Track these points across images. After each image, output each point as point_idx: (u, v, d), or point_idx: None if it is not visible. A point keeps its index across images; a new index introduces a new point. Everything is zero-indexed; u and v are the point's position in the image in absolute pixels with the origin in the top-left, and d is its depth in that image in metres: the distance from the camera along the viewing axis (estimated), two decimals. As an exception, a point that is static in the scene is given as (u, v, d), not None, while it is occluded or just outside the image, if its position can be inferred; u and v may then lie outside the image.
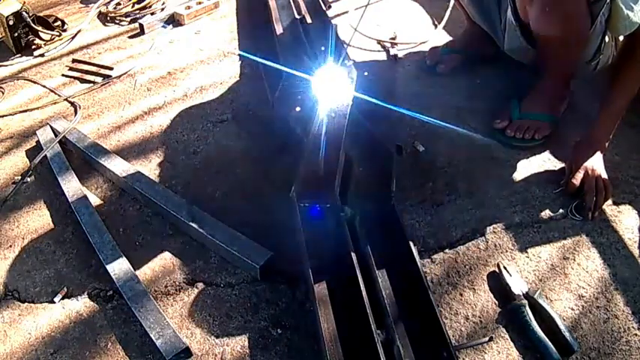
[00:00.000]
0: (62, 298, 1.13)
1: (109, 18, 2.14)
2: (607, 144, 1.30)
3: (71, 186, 1.34)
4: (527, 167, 1.36)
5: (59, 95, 1.73)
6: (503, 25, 1.45)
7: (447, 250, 1.18)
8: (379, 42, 1.85)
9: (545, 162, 1.37)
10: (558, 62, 1.37)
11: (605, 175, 1.25)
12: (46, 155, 1.44)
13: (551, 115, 1.41)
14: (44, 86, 1.78)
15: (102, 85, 1.76)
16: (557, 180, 1.32)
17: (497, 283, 1.10)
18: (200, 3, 2.10)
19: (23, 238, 1.27)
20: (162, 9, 2.12)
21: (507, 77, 1.63)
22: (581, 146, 1.30)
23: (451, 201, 1.28)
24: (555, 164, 1.36)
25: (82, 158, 1.46)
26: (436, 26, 1.92)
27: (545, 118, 1.41)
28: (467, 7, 1.58)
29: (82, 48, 1.97)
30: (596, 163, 1.26)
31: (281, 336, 1.04)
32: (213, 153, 1.47)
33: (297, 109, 1.28)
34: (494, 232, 1.21)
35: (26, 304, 1.13)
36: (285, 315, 1.07)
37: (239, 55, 1.85)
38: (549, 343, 0.98)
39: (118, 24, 2.12)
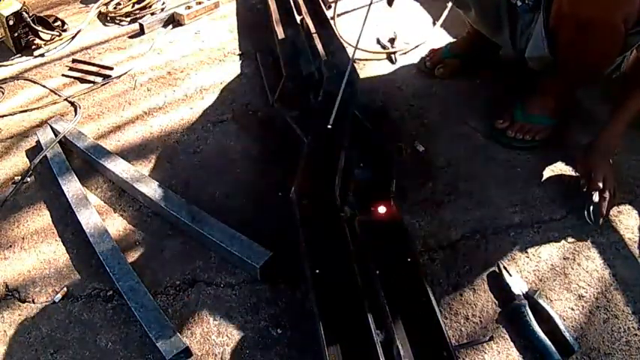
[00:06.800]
0: (62, 298, 1.13)
1: (109, 18, 2.14)
2: (616, 149, 1.30)
3: (71, 186, 1.34)
4: (527, 167, 1.36)
5: (59, 95, 1.73)
6: (519, 32, 1.40)
7: (447, 250, 1.18)
8: (378, 42, 1.85)
9: (545, 162, 1.37)
10: (577, 75, 1.35)
11: (613, 181, 1.24)
12: (46, 155, 1.44)
13: (554, 118, 1.41)
14: (44, 86, 1.78)
15: (102, 86, 1.76)
16: (557, 181, 1.32)
17: (497, 283, 1.10)
18: (200, 3, 2.10)
19: (23, 238, 1.27)
20: (163, 9, 2.12)
21: (507, 79, 1.62)
22: (595, 151, 1.28)
23: (451, 201, 1.28)
24: (555, 164, 1.36)
25: (82, 158, 1.46)
26: (434, 24, 1.92)
27: (549, 121, 1.40)
28: (471, 16, 1.53)
29: (82, 48, 1.96)
30: (607, 169, 1.25)
31: (281, 336, 1.04)
32: (213, 153, 1.47)
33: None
34: (494, 232, 1.21)
35: (26, 304, 1.13)
36: (285, 315, 1.07)
37: (239, 55, 1.85)
38: (549, 343, 0.98)
39: (118, 24, 2.12)
